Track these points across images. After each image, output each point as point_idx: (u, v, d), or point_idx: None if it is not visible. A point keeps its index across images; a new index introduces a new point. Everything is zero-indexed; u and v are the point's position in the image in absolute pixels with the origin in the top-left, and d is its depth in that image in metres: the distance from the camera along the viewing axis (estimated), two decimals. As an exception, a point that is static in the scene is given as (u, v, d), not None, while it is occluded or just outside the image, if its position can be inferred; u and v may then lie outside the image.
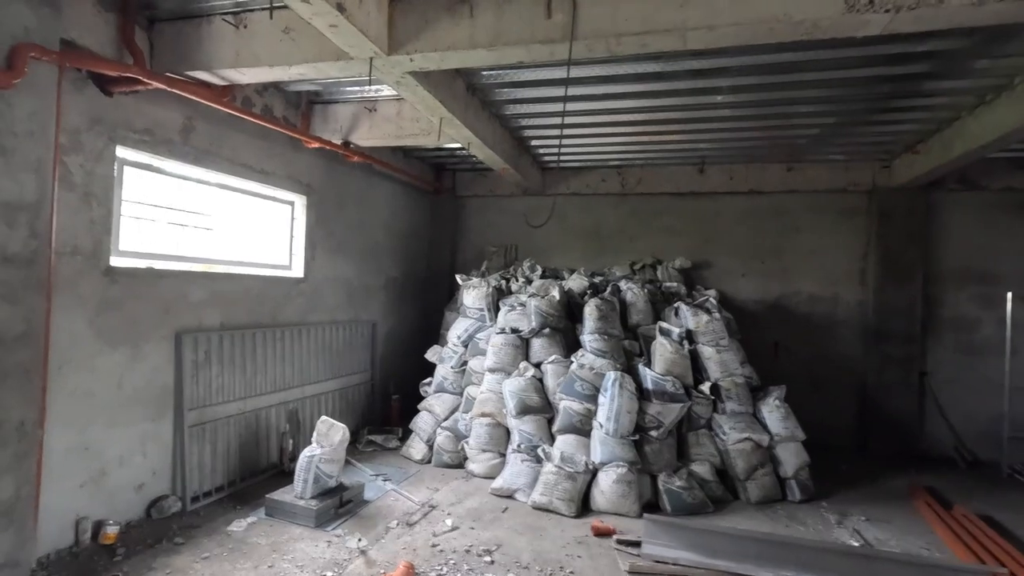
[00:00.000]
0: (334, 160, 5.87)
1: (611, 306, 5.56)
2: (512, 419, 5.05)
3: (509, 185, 7.85)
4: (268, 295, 5.06)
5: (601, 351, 5.24)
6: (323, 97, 5.29)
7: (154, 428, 4.05)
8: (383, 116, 5.20)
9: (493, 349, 5.44)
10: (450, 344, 6.05)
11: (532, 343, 5.46)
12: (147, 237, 4.12)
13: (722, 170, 7.12)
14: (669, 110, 5.09)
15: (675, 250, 7.30)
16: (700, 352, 5.31)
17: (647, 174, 7.41)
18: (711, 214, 7.28)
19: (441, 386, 5.89)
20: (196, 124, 4.30)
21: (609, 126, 5.59)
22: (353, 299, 6.36)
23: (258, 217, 5.13)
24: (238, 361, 4.71)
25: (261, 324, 4.99)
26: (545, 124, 5.70)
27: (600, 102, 5.00)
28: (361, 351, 6.49)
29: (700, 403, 5.06)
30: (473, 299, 6.01)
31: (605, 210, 7.65)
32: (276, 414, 5.17)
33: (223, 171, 4.57)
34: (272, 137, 5.04)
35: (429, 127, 5.05)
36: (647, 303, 5.81)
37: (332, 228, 5.95)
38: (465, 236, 8.24)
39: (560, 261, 7.67)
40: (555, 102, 4.97)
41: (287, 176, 5.27)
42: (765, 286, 7.09)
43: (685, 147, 6.42)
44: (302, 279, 5.51)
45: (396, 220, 7.23)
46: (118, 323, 3.76)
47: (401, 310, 7.42)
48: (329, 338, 5.90)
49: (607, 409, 4.71)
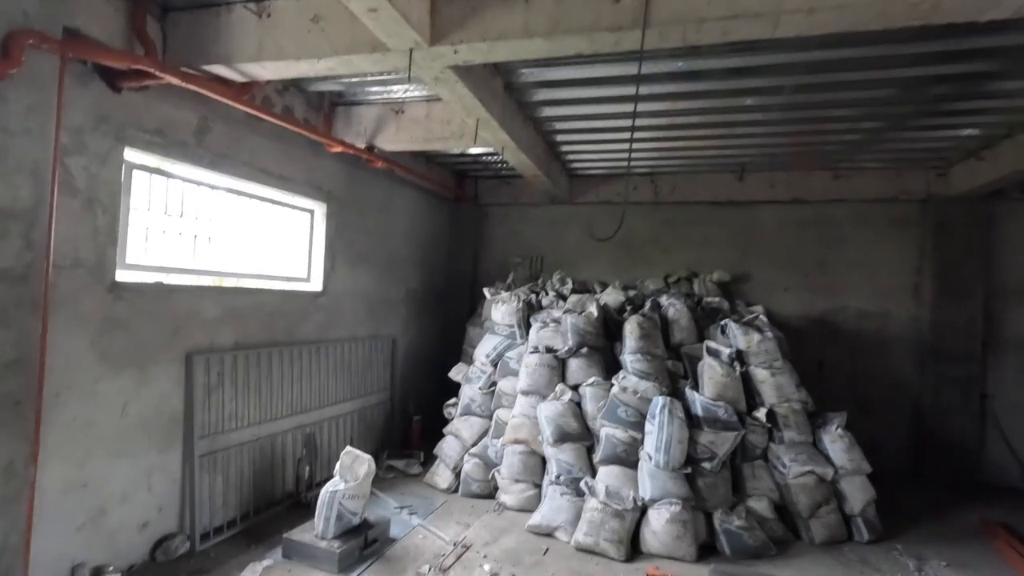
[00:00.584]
0: (355, 166, 5.50)
1: (653, 323, 5.14)
2: (549, 447, 4.63)
3: (535, 193, 7.47)
4: (285, 310, 4.68)
5: (645, 373, 4.82)
6: (346, 98, 4.94)
7: (161, 459, 3.65)
8: (411, 118, 4.83)
9: (527, 370, 5.03)
10: (477, 363, 5.65)
11: (569, 363, 5.05)
12: (156, 249, 3.75)
13: (763, 178, 6.72)
14: (705, 112, 4.70)
15: (712, 262, 6.89)
16: (752, 375, 4.88)
17: (682, 182, 7.01)
18: (751, 224, 6.87)
19: (468, 408, 5.48)
20: (212, 125, 3.94)
21: (641, 129, 5.19)
22: (373, 313, 5.97)
23: (275, 226, 4.76)
24: (253, 383, 4.32)
25: (277, 342, 4.61)
26: (580, 128, 5.32)
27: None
28: (380, 369, 6.09)
29: (755, 431, 4.62)
30: (502, 315, 5.61)
31: (636, 220, 7.25)
32: (292, 439, 4.77)
33: (240, 176, 4.21)
34: (292, 140, 4.68)
35: (461, 130, 4.68)
36: (690, 320, 5.39)
37: (353, 238, 5.58)
38: (487, 246, 7.85)
39: (588, 273, 7.26)
40: (593, 104, 4.60)
41: (307, 182, 4.90)
42: (809, 301, 6.66)
43: (723, 153, 6.03)
44: (321, 293, 5.13)
45: (417, 229, 6.86)
46: (123, 344, 3.38)
47: (420, 324, 7.03)
48: (348, 356, 5.51)
49: (656, 438, 4.29)
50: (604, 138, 5.59)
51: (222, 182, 4.17)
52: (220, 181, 4.15)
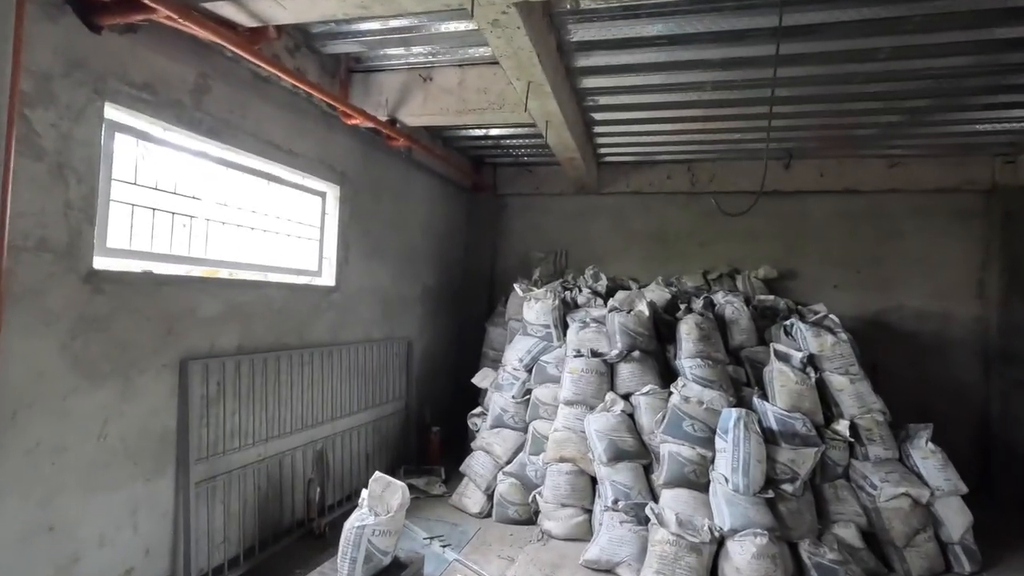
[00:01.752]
0: (371, 144, 4.85)
1: (713, 324, 4.56)
2: (602, 467, 4.01)
3: (559, 182, 6.85)
4: (294, 308, 4.02)
5: (707, 380, 4.23)
6: (365, 63, 4.28)
7: (148, 490, 2.97)
8: (441, 87, 4.19)
9: (571, 376, 4.40)
10: (508, 368, 5.01)
11: (619, 369, 4.44)
12: (144, 231, 3.07)
13: (811, 165, 6.17)
14: (749, 85, 4.11)
15: (755, 257, 6.32)
16: (828, 382, 4.31)
17: (721, 170, 6.44)
18: (798, 216, 6.31)
19: (500, 420, 4.84)
20: (212, 84, 3.27)
21: (675, 107, 4.61)
22: (388, 312, 5.32)
23: (283, 209, 4.09)
24: (259, 394, 3.66)
25: (286, 345, 3.94)
26: (622, 104, 4.70)
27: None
28: (395, 375, 5.43)
29: (836, 447, 4.05)
30: (536, 314, 4.99)
31: (671, 211, 6.67)
32: (302, 457, 4.10)
33: (244, 149, 3.54)
34: (303, 111, 4.02)
35: (501, 99, 4.05)
36: (750, 321, 4.81)
37: (368, 226, 4.92)
38: (506, 239, 7.21)
39: (617, 269, 6.65)
40: (644, 72, 3.98)
41: (319, 160, 4.24)
42: (862, 299, 6.11)
43: (764, 137, 5.43)
44: (333, 288, 4.47)
45: (434, 219, 6.21)
46: (103, 348, 2.70)
47: (437, 325, 6.38)
48: (362, 360, 4.84)
49: (731, 457, 3.69)
50: (646, 116, 4.98)
51: (224, 154, 3.50)
52: (221, 153, 3.48)
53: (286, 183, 4.05)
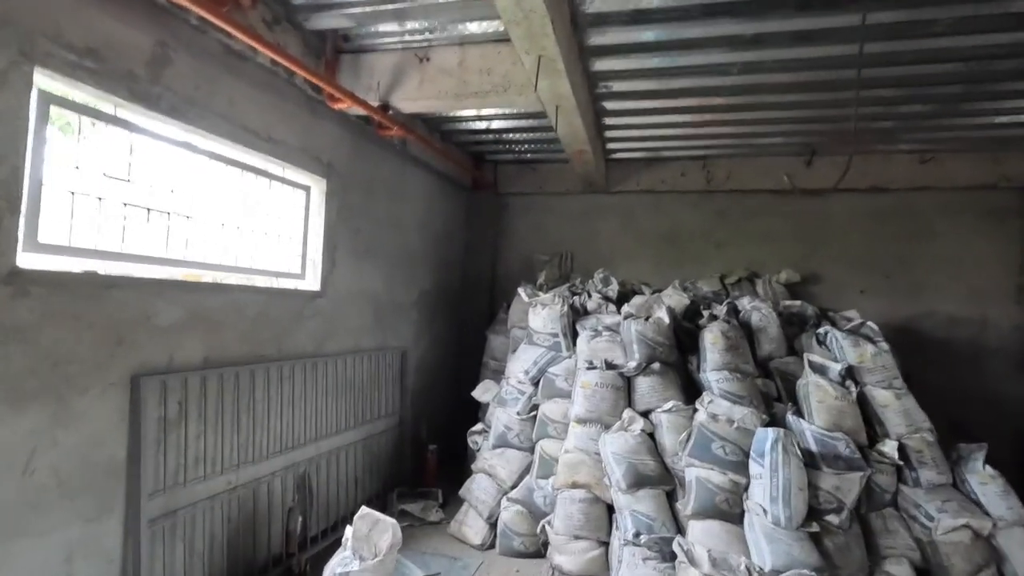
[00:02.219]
0: (361, 135, 4.40)
1: (740, 333, 4.12)
2: (621, 494, 3.55)
3: (564, 180, 6.44)
4: (272, 316, 3.56)
5: (736, 395, 3.78)
6: (354, 42, 3.85)
7: (89, 532, 2.50)
8: (439, 67, 3.75)
9: (583, 391, 3.94)
10: (512, 380, 4.55)
11: (636, 383, 3.98)
12: (89, 224, 2.61)
13: (834, 162, 5.75)
14: (768, 68, 3.75)
15: (775, 260, 5.90)
16: (871, 397, 3.86)
17: (738, 167, 6.03)
18: (820, 216, 5.90)
19: (504, 438, 4.37)
20: (174, 56, 2.82)
21: (696, 94, 4.21)
22: (381, 319, 4.85)
23: (260, 204, 3.64)
24: (229, 413, 3.19)
25: (263, 357, 3.47)
26: (637, 92, 4.28)
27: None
28: (389, 388, 4.96)
29: (883, 471, 3.61)
30: (543, 321, 4.53)
31: (684, 211, 6.24)
32: (281, 484, 3.63)
33: (213, 132, 3.08)
34: (283, 92, 3.58)
35: (506, 81, 3.62)
36: (779, 329, 4.37)
37: (358, 225, 4.46)
38: (508, 241, 6.77)
39: (626, 272, 6.20)
40: (658, 52, 3.57)
41: (302, 149, 3.79)
42: (890, 305, 5.68)
43: (788, 130, 5.07)
44: (318, 293, 4.01)
45: (431, 218, 5.76)
46: (29, 364, 2.23)
47: (434, 332, 5.91)
48: (351, 373, 4.38)
49: (768, 484, 3.24)
50: (663, 106, 4.55)
51: (188, 138, 3.04)
52: (185, 136, 3.02)
53: (264, 174, 3.59)
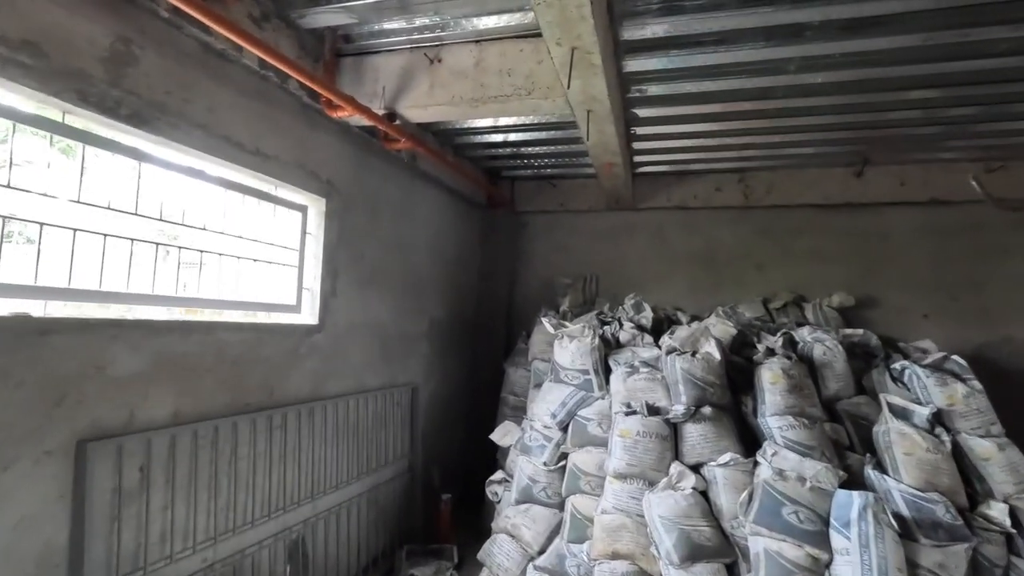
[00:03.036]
0: (365, 148, 3.95)
1: (803, 370, 3.55)
2: (673, 568, 2.95)
3: (587, 197, 5.94)
4: (262, 356, 3.06)
5: (804, 446, 3.20)
6: (356, 43, 3.40)
7: (16, 644, 1.98)
8: (452, 69, 3.29)
9: (622, 442, 3.37)
10: (537, 424, 3.99)
11: (685, 431, 3.40)
12: (24, 255, 2.14)
13: (889, 173, 5.20)
14: (811, 66, 3.26)
15: (824, 282, 5.31)
16: (967, 448, 3.25)
17: (780, 180, 5.48)
18: (874, 233, 5.31)
19: (528, 493, 3.80)
20: (140, 54, 2.38)
21: (745, 98, 3.69)
22: (388, 354, 4.34)
23: (249, 227, 3.16)
24: (206, 475, 2.68)
25: (249, 406, 2.97)
26: (674, 96, 3.78)
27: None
28: (397, 431, 4.43)
29: (991, 540, 2.98)
30: (572, 356, 3.98)
31: (720, 229, 5.70)
32: (270, 554, 3.08)
33: (188, 145, 2.62)
34: (275, 100, 3.13)
35: (528, 83, 3.14)
36: (847, 364, 3.78)
37: (362, 249, 3.98)
38: (527, 263, 6.26)
39: (657, 297, 5.64)
40: (704, 48, 3.10)
41: (297, 165, 3.33)
42: (959, 331, 5.05)
43: (837, 139, 4.54)
44: (316, 327, 3.51)
45: (442, 240, 5.27)
46: (-71, 437, 1.74)
47: (447, 366, 5.39)
48: (354, 416, 3.86)
49: (860, 563, 2.64)
50: (702, 113, 4.04)
51: (157, 151, 2.58)
52: (153, 149, 2.56)
53: (252, 193, 3.12)
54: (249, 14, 2.85)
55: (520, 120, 4.38)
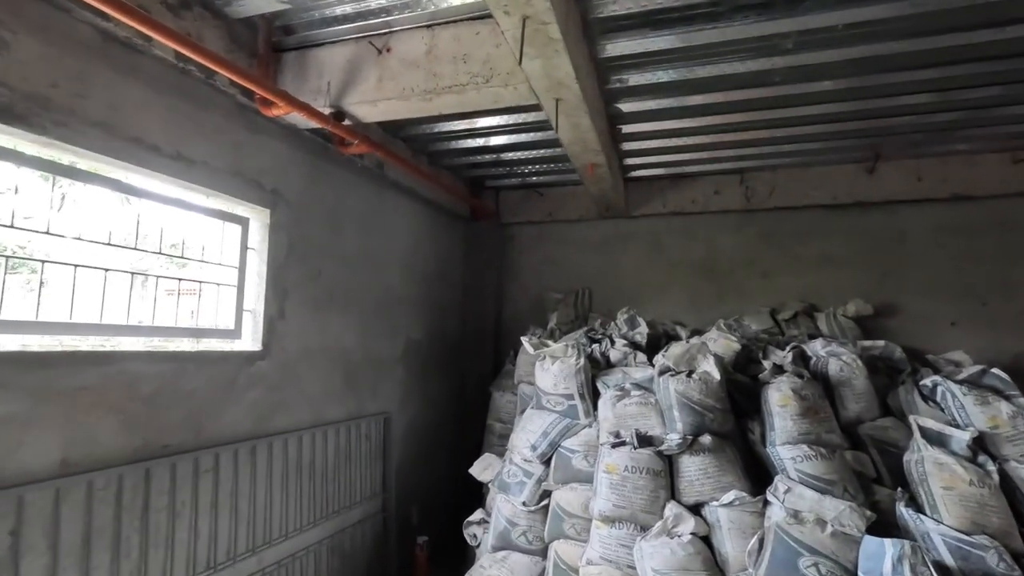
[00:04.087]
0: (322, 154, 3.58)
1: (818, 390, 3.07)
2: (670, 635, 2.47)
3: (577, 206, 5.54)
4: (186, 389, 2.65)
5: (822, 480, 2.72)
6: (299, 33, 3.04)
7: None
8: (402, 58, 2.92)
9: (609, 478, 2.90)
10: (516, 457, 3.53)
11: (681, 465, 2.92)
12: None
13: (903, 168, 4.74)
14: (848, 39, 2.84)
15: (837, 289, 4.84)
16: (1017, 479, 2.75)
17: (784, 179, 5.04)
18: (891, 233, 4.84)
19: (507, 538, 3.32)
20: (10, 38, 2.03)
21: (737, 85, 3.30)
22: (354, 381, 3.92)
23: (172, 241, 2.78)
24: (107, 535, 2.25)
25: (168, 448, 2.55)
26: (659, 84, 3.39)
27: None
28: (367, 465, 3.99)
29: (1055, 593, 2.47)
30: (554, 379, 3.53)
31: (721, 235, 5.26)
32: (198, 622, 2.64)
33: (79, 145, 2.25)
34: (202, 98, 2.77)
35: (486, 68, 2.75)
36: (868, 381, 3.30)
37: (319, 264, 3.59)
38: (515, 278, 5.84)
39: (656, 310, 5.22)
40: (688, 26, 2.72)
41: (233, 172, 2.96)
42: (992, 340, 4.52)
43: (844, 131, 4.11)
44: (259, 354, 3.10)
45: (419, 255, 4.87)
46: None
47: (426, 391, 4.94)
48: (311, 453, 3.43)
49: (897, 630, 2.14)
50: (695, 104, 3.65)
51: (42, 152, 2.21)
52: (37, 151, 2.20)
53: (175, 203, 2.75)
54: (163, 1, 2.50)
55: (497, 121, 4.00)
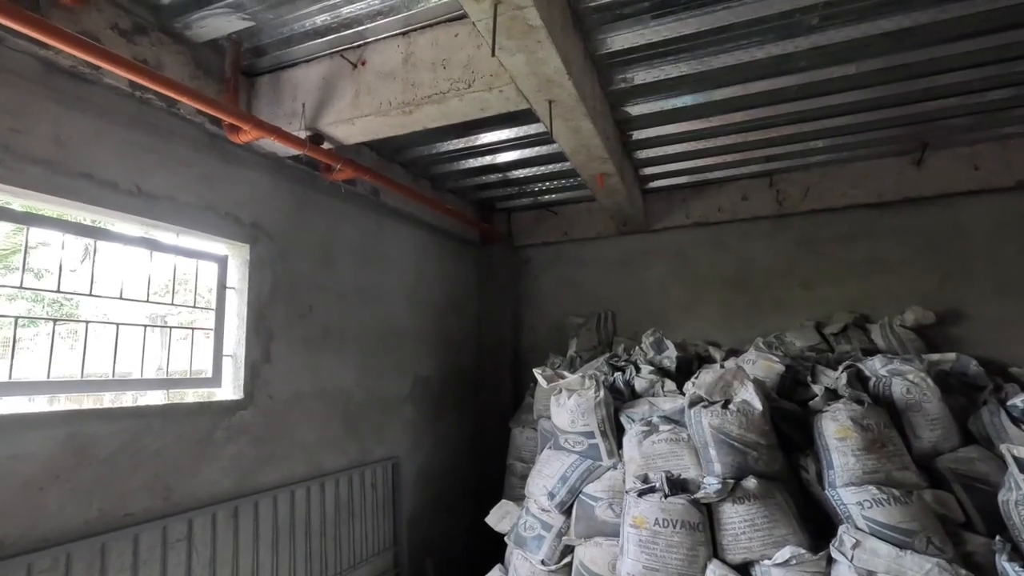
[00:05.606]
0: (306, 183, 3.35)
1: (883, 418, 2.59)
2: None
3: (593, 222, 5.19)
4: (152, 448, 2.37)
5: (899, 530, 2.23)
6: (269, 54, 2.81)
7: None
8: (378, 71, 2.66)
9: (637, 533, 2.47)
10: (533, 507, 3.12)
11: (722, 515, 2.47)
12: None
13: (956, 156, 4.24)
14: (880, 11, 2.44)
15: (891, 297, 4.31)
16: None
17: (819, 178, 4.59)
18: (948, 230, 4.31)
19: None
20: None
21: (757, 75, 2.97)
22: (355, 425, 3.60)
23: (140, 285, 2.55)
24: (45, 629, 1.95)
25: (129, 519, 2.26)
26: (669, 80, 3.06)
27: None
28: (374, 517, 3.63)
29: None
30: (572, 414, 3.13)
31: (753, 244, 4.80)
32: None
33: (17, 184, 2.04)
34: (163, 128, 2.57)
35: (468, 72, 2.46)
36: (941, 403, 2.79)
37: (310, 301, 3.32)
38: (532, 304, 5.49)
39: (685, 331, 4.76)
40: (698, 8, 2.38)
41: (205, 206, 2.73)
42: (1082, 347, 3.94)
43: (883, 120, 3.67)
44: (241, 403, 2.81)
45: (425, 285, 4.58)
46: None
47: (439, 431, 4.58)
48: (305, 509, 3.10)
49: None
50: (712, 100, 3.29)
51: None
52: (-31, 194, 1.99)
53: (137, 243, 2.52)
54: (114, 25, 2.31)
55: (500, 136, 3.73)
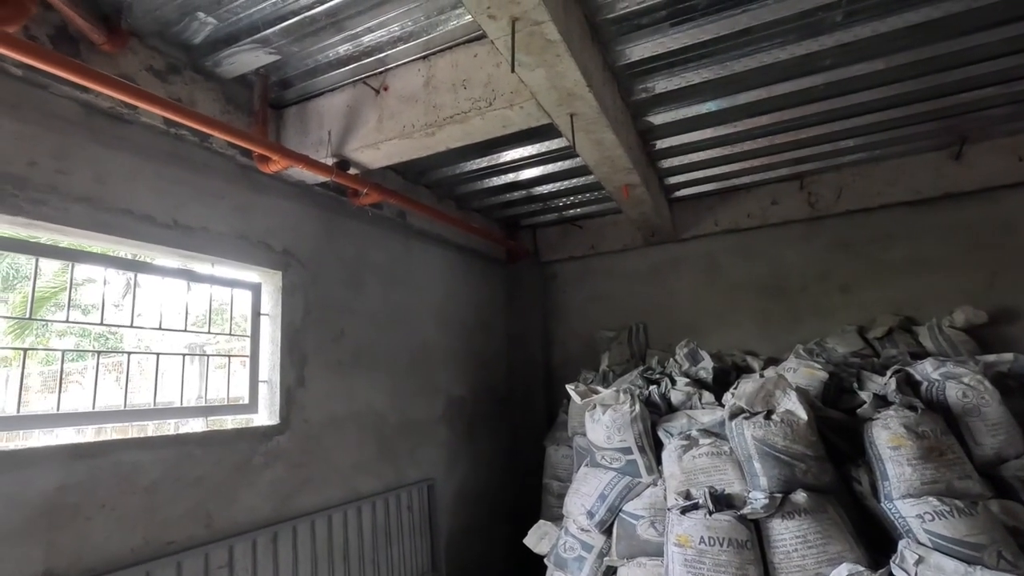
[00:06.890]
0: (335, 209, 3.41)
1: (939, 424, 2.46)
2: None
3: (620, 234, 5.15)
4: (193, 475, 2.40)
5: (966, 544, 2.09)
6: (296, 86, 2.89)
7: None
8: (401, 95, 2.71)
9: (681, 552, 2.38)
10: (572, 527, 3.04)
11: (771, 531, 2.36)
12: None
13: (998, 148, 4.07)
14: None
15: (936, 297, 4.13)
16: None
17: (852, 178, 4.46)
18: (993, 225, 4.13)
19: (568, 627, 2.82)
20: (-18, 120, 1.95)
21: (784, 75, 2.91)
22: (390, 448, 3.59)
23: (178, 315, 2.62)
24: (94, 659, 1.97)
25: (171, 546, 2.28)
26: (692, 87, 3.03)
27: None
28: (411, 539, 3.60)
29: None
30: (608, 430, 3.06)
31: (786, 249, 4.68)
32: None
33: (63, 223, 2.13)
34: (197, 161, 2.65)
35: (488, 91, 2.48)
36: (1002, 406, 2.63)
37: (341, 325, 3.35)
38: (562, 320, 5.44)
39: (719, 341, 4.64)
40: (704, 19, 2.36)
41: (238, 236, 2.80)
42: None
43: (917, 114, 3.54)
44: (277, 428, 2.84)
45: (455, 305, 4.59)
46: None
47: (475, 452, 4.55)
48: (342, 534, 3.09)
49: None
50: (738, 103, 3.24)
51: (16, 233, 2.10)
52: (11, 231, 2.08)
53: (174, 275, 2.59)
54: (149, 67, 2.41)
55: (522, 153, 3.74)
